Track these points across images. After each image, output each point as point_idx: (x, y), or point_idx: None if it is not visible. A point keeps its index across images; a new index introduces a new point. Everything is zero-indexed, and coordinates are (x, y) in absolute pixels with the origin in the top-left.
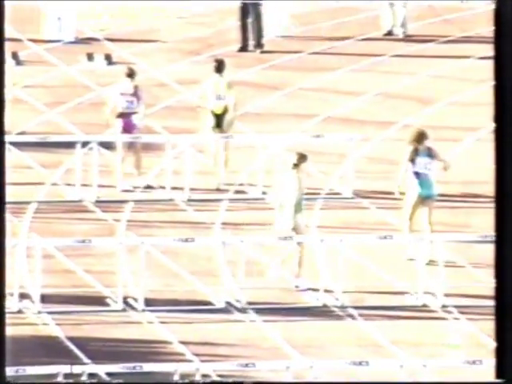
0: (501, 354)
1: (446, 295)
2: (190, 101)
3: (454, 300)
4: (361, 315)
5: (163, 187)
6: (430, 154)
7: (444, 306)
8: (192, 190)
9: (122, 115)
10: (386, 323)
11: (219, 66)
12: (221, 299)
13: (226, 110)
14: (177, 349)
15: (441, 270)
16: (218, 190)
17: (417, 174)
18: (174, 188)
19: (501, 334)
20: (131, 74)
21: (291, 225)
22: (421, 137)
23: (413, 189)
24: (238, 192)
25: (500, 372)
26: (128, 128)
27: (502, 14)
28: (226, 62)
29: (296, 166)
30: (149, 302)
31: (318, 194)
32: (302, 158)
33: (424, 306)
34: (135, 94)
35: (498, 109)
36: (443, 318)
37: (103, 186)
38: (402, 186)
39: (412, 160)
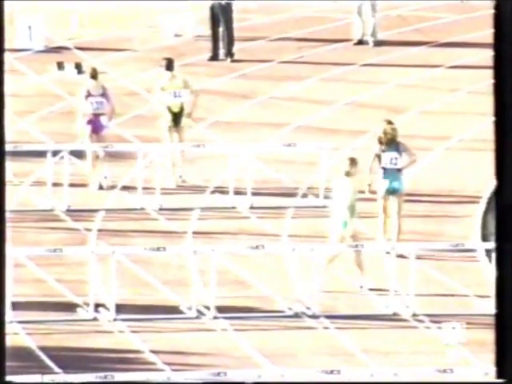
0: (501, 354)
1: (418, 304)
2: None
3: (425, 309)
4: (332, 324)
5: (134, 195)
6: (398, 148)
7: (415, 315)
8: (163, 192)
9: (91, 116)
10: (357, 332)
11: (169, 64)
12: (192, 308)
13: (182, 108)
14: (148, 358)
15: (412, 278)
16: (178, 186)
17: (384, 169)
18: (145, 190)
19: (501, 335)
20: (95, 75)
21: (350, 231)
22: (387, 133)
23: (380, 184)
24: (212, 193)
25: (500, 372)
26: (97, 129)
27: (502, 15)
28: (198, 70)
29: (348, 171)
30: (120, 311)
31: (290, 202)
32: (353, 162)
33: (395, 314)
34: (104, 94)
35: (498, 112)
36: (414, 327)
37: (75, 189)
38: (372, 185)
39: (379, 156)
